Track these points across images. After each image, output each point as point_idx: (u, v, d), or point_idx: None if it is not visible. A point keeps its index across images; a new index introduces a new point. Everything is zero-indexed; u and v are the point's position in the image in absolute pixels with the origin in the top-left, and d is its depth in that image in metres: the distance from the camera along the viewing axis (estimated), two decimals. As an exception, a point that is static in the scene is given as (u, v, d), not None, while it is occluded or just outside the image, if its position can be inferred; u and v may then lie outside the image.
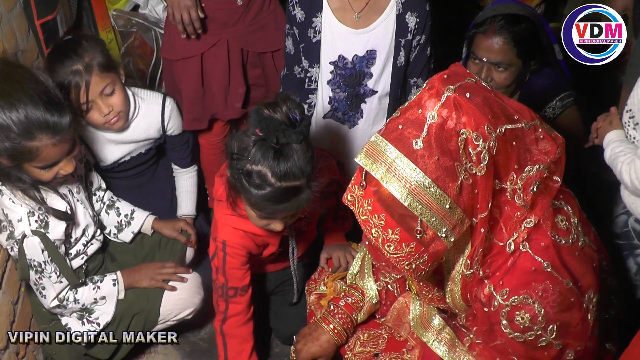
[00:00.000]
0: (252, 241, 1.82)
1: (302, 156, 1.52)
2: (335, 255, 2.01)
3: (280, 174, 1.50)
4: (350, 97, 2.10)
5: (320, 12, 1.99)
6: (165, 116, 2.13)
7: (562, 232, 1.37)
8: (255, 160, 1.51)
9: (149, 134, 2.14)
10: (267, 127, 1.49)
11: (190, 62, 2.19)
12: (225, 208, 1.75)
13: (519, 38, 1.99)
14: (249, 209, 1.65)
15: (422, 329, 1.70)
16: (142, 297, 1.95)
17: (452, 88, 1.24)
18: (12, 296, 1.84)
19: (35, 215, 1.69)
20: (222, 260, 1.79)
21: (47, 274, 1.75)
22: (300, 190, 1.56)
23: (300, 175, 1.53)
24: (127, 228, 2.08)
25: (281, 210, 1.59)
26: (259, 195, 1.54)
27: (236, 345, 1.85)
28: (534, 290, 1.34)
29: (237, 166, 1.55)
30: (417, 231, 1.25)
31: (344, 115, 2.15)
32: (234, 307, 1.83)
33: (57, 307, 1.83)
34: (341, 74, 2.06)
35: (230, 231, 1.78)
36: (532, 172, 1.30)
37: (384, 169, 1.24)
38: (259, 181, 1.52)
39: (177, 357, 2.17)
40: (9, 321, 1.79)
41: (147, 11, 2.94)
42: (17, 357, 1.80)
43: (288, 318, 2.08)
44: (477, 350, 1.56)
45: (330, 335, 1.76)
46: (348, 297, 1.81)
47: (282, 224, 1.66)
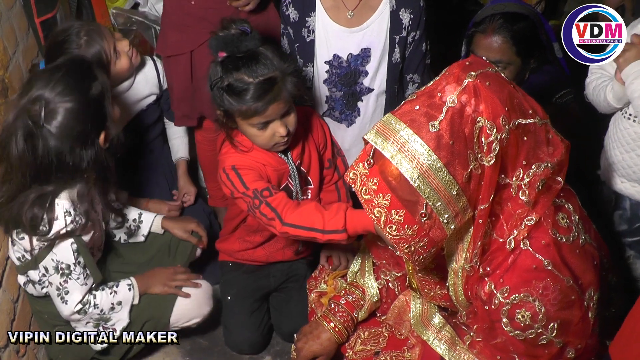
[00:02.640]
0: (259, 169, 1.84)
1: (269, 54, 1.70)
2: (336, 254, 2.02)
3: (253, 72, 1.67)
4: (347, 95, 2.09)
5: (313, 12, 1.98)
6: (159, 69, 2.30)
7: (563, 230, 1.37)
8: (230, 73, 1.69)
9: (150, 89, 2.29)
10: (225, 44, 1.68)
11: (180, 60, 2.20)
12: (230, 150, 1.86)
13: (518, 37, 1.99)
14: (249, 128, 1.76)
15: (422, 327, 1.71)
16: (154, 304, 1.94)
17: (474, 75, 1.23)
18: (12, 294, 1.84)
19: (72, 216, 1.69)
20: (239, 180, 1.80)
21: (76, 275, 1.75)
22: (278, 79, 1.70)
23: (272, 67, 1.69)
24: (137, 232, 2.08)
25: (271, 101, 1.69)
26: (246, 99, 1.68)
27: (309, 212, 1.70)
28: (534, 288, 1.35)
29: (218, 88, 1.71)
30: (421, 214, 1.25)
31: (341, 114, 2.14)
32: (277, 201, 1.74)
33: (79, 312, 1.81)
34: (337, 72, 2.06)
35: (236, 157, 1.85)
36: (539, 170, 1.30)
37: (396, 148, 1.23)
38: (239, 86, 1.68)
39: (177, 355, 2.17)
40: (9, 319, 1.78)
41: (147, 9, 2.94)
42: (17, 355, 1.80)
43: (289, 315, 2.09)
44: (478, 348, 1.56)
45: (331, 334, 1.76)
46: (349, 295, 1.81)
47: (283, 126, 1.75)
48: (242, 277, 2.11)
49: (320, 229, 1.66)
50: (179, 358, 2.16)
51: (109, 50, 2.02)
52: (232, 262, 2.14)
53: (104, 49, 2.00)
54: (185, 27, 2.14)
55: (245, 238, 2.06)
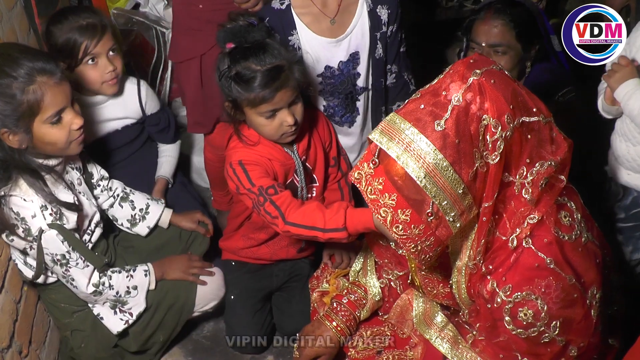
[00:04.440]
0: (265, 164, 1.84)
1: (275, 45, 1.75)
2: (338, 252, 2.02)
3: (261, 61, 1.71)
4: (345, 100, 2.10)
5: (295, 30, 1.97)
6: (142, 95, 2.20)
7: (565, 228, 1.37)
8: (237, 62, 1.72)
9: (127, 113, 2.19)
10: (233, 34, 1.73)
11: (191, 64, 2.19)
12: (237, 144, 1.86)
13: (517, 20, 2.01)
14: (256, 117, 1.77)
15: (425, 325, 1.71)
16: (177, 288, 1.99)
17: (479, 72, 1.23)
18: (15, 295, 1.84)
19: (49, 209, 1.70)
20: (245, 176, 1.81)
21: (74, 262, 1.77)
22: (285, 67, 1.73)
23: (279, 56, 1.73)
24: (141, 222, 2.10)
25: (279, 88, 1.71)
26: (254, 86, 1.70)
27: (312, 211, 1.70)
28: (536, 286, 1.34)
29: (227, 77, 1.74)
30: (428, 213, 1.25)
31: (341, 118, 2.14)
32: (281, 199, 1.74)
33: (94, 294, 1.84)
34: (331, 82, 2.05)
35: (243, 152, 1.85)
36: (542, 168, 1.30)
37: (401, 148, 1.23)
38: (247, 74, 1.71)
39: (180, 355, 2.17)
40: (11, 320, 1.78)
41: (148, 10, 2.95)
42: (20, 355, 1.80)
43: (292, 315, 2.09)
44: (480, 346, 1.56)
45: (333, 333, 1.76)
46: (351, 295, 1.81)
47: (291, 115, 1.77)
48: (245, 277, 2.11)
49: (321, 227, 1.67)
50: (181, 358, 2.16)
51: (88, 49, 1.96)
52: (235, 261, 2.14)
53: (82, 42, 1.94)
54: (194, 31, 2.14)
55: (250, 235, 2.07)
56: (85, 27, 1.95)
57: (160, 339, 2.04)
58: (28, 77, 1.56)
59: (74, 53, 1.95)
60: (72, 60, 1.96)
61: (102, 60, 2.00)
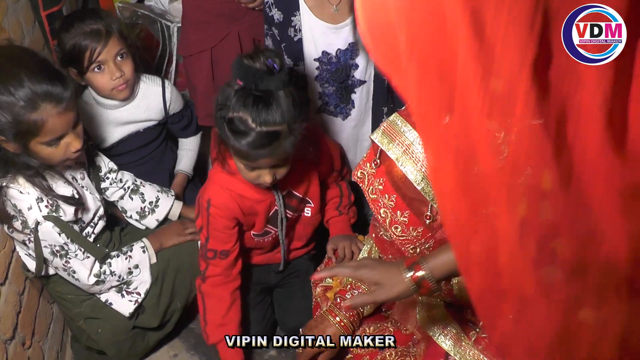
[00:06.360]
0: (238, 205, 1.81)
1: (283, 102, 1.55)
2: (341, 246, 2.01)
3: (260, 119, 1.53)
4: (340, 90, 2.08)
5: (298, 11, 1.96)
6: (166, 97, 2.17)
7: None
8: (237, 107, 1.55)
9: (149, 115, 2.16)
10: (246, 75, 1.54)
11: (202, 57, 2.19)
12: (218, 166, 1.79)
13: None
14: (237, 160, 1.69)
15: (428, 322, 1.70)
16: (178, 253, 2.00)
17: None
18: (19, 286, 1.84)
19: (44, 201, 1.70)
20: (205, 219, 1.81)
21: (73, 253, 1.77)
22: (282, 135, 1.57)
23: (281, 121, 1.55)
24: (150, 215, 2.10)
25: (265, 155, 1.60)
26: (242, 142, 1.57)
27: (213, 303, 1.88)
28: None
29: (221, 115, 1.60)
30: (426, 216, 1.24)
31: (335, 108, 2.13)
32: (212, 269, 1.86)
33: (96, 284, 1.85)
34: (327, 69, 2.04)
35: (217, 190, 1.80)
36: None
37: (401, 150, 1.22)
38: (241, 127, 1.56)
39: (182, 349, 2.17)
40: (15, 312, 1.79)
41: (153, 3, 2.94)
42: (23, 347, 1.80)
43: (293, 310, 2.08)
44: (483, 344, 1.56)
45: (336, 328, 1.75)
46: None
47: (270, 175, 1.67)
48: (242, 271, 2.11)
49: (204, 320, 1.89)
50: (183, 352, 2.16)
51: (93, 56, 1.93)
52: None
53: (87, 49, 1.92)
54: (204, 24, 2.14)
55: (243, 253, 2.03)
56: (90, 33, 1.92)
57: (179, 306, 2.04)
58: (31, 103, 1.53)
59: (81, 60, 1.94)
60: (80, 66, 1.95)
61: (110, 66, 1.97)
